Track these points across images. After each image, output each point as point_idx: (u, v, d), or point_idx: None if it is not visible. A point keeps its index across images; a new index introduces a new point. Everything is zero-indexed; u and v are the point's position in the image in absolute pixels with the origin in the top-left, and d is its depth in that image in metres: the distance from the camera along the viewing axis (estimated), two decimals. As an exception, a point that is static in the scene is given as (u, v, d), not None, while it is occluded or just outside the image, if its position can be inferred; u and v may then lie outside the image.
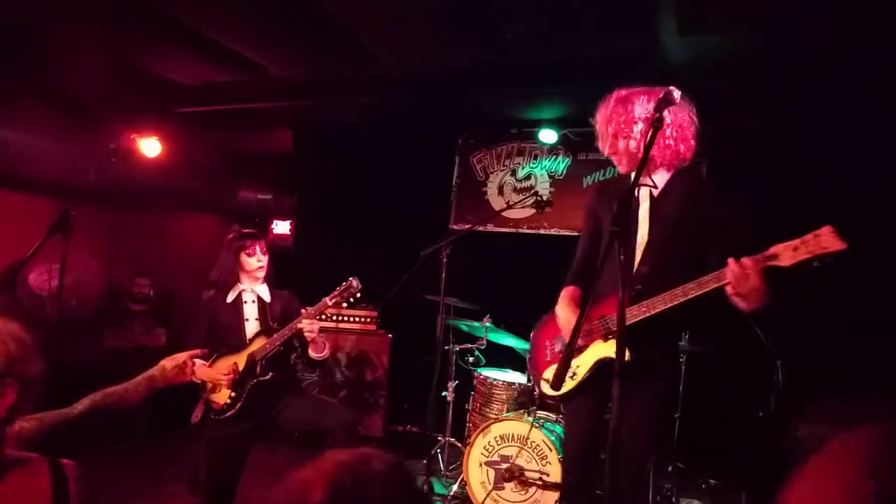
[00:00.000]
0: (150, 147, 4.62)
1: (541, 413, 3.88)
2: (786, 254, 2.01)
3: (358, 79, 5.02)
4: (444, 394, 4.58)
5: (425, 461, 4.21)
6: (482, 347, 4.51)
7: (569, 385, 2.52)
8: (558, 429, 3.78)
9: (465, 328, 4.54)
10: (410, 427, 5.73)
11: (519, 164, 5.90)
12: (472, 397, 4.45)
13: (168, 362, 2.39)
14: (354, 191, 6.26)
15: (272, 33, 4.34)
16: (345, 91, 5.18)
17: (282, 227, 7.10)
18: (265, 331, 3.36)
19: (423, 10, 3.85)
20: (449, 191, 6.16)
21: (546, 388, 2.64)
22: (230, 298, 3.46)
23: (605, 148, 2.57)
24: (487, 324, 4.37)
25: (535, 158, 5.82)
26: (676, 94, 2.01)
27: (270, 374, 3.28)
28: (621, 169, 2.57)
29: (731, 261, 2.07)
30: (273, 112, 5.80)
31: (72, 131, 4.79)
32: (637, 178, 2.01)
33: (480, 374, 4.40)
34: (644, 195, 2.49)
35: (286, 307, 3.50)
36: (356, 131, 6.23)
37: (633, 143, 2.46)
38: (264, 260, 3.49)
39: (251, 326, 3.42)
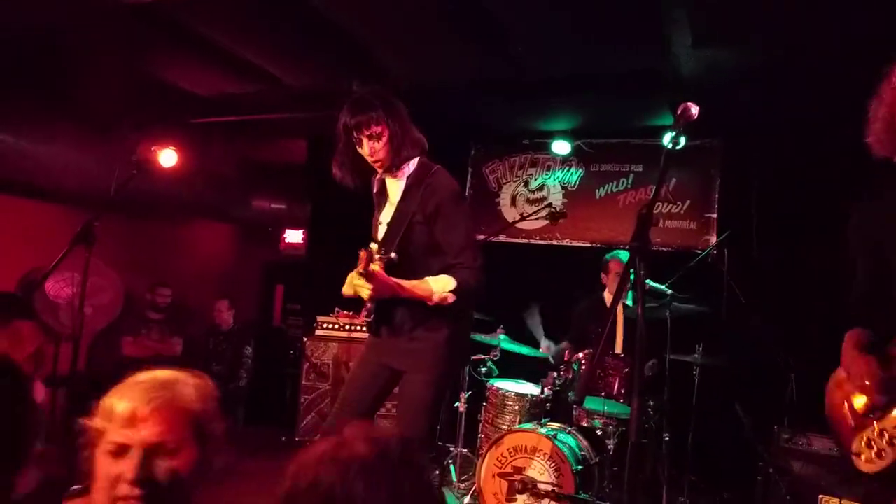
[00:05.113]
0: (167, 157, 4.66)
1: (554, 424, 3.87)
2: None
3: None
4: (456, 405, 4.57)
5: (437, 472, 4.21)
6: (495, 358, 4.50)
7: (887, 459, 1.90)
8: (571, 440, 3.77)
9: (478, 339, 4.54)
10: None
11: (532, 175, 5.91)
12: (484, 408, 4.44)
13: None
14: (368, 200, 6.27)
15: (284, 44, 4.39)
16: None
17: (295, 236, 7.14)
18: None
19: (430, 21, 3.88)
20: (461, 201, 6.17)
21: (864, 467, 1.97)
22: (375, 189, 2.90)
23: None
24: (501, 335, 4.37)
25: (548, 169, 5.83)
26: (694, 109, 2.02)
27: (393, 254, 2.63)
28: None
29: None
30: (287, 122, 5.84)
31: (91, 142, 4.84)
32: None
33: (493, 386, 4.40)
34: None
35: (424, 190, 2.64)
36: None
37: None
38: (379, 146, 2.59)
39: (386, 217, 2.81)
